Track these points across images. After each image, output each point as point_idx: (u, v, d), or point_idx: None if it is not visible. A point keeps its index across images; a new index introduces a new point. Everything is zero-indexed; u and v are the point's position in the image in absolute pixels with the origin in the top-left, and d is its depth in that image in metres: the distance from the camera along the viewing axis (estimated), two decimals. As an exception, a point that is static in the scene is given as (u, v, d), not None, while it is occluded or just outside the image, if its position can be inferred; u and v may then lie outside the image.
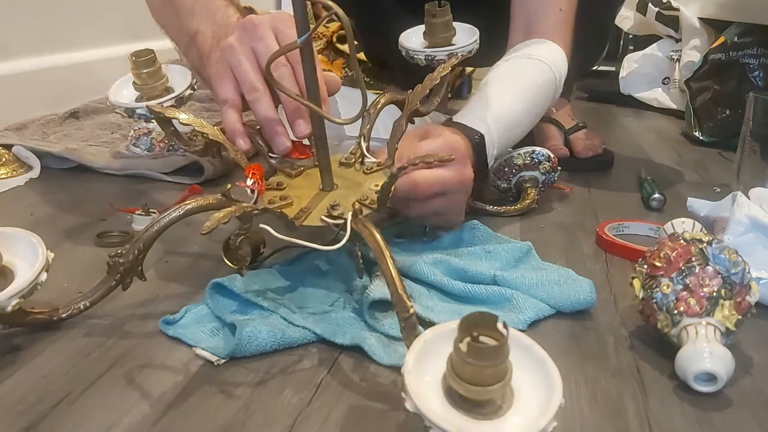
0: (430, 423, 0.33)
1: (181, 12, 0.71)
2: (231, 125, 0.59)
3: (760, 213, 0.61)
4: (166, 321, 0.51)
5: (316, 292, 0.57)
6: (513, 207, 0.81)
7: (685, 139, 1.35)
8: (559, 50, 0.83)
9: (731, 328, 0.48)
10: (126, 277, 0.52)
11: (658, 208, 0.86)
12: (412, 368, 0.35)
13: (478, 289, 0.56)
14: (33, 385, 0.45)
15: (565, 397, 0.45)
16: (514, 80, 0.80)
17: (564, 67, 0.83)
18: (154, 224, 0.52)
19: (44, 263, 0.47)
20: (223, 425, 0.41)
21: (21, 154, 0.94)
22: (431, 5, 0.72)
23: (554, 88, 0.82)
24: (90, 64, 1.33)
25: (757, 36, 1.29)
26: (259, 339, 0.48)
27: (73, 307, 0.52)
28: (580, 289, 0.57)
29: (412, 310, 0.44)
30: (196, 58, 0.69)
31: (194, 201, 0.53)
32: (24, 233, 0.50)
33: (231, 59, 0.60)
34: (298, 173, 0.61)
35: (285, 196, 0.57)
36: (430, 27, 0.73)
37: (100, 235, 0.69)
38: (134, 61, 0.67)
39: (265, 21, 0.61)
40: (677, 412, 0.44)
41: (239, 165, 0.58)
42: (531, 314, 0.55)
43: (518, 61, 0.82)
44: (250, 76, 0.59)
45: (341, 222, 0.52)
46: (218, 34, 0.66)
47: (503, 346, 0.33)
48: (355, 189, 0.58)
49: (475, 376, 0.33)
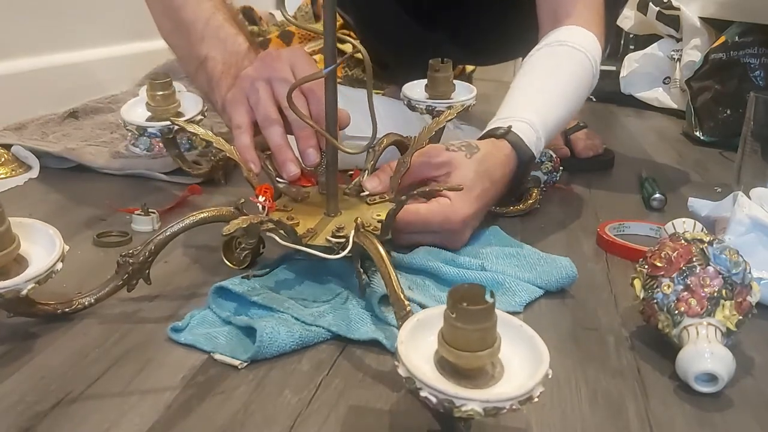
0: (421, 383, 0.34)
1: (191, 37, 0.74)
2: (243, 148, 0.64)
3: (761, 213, 0.61)
4: (174, 329, 0.51)
5: (318, 289, 0.57)
6: (515, 207, 0.80)
7: (686, 138, 1.34)
8: (591, 36, 0.81)
9: (732, 328, 0.48)
10: (133, 278, 0.53)
11: (658, 208, 0.86)
12: (405, 340, 0.37)
13: (472, 275, 0.59)
14: (32, 385, 0.44)
15: (566, 398, 0.45)
16: (555, 75, 0.78)
17: (598, 52, 0.81)
18: (168, 229, 0.54)
19: (61, 253, 0.48)
20: (222, 426, 0.41)
21: (20, 154, 0.94)
22: (435, 61, 0.77)
23: (591, 76, 0.80)
24: (89, 63, 1.33)
25: (757, 35, 1.29)
26: (279, 340, 0.48)
27: (78, 302, 0.52)
28: (561, 266, 0.60)
29: (408, 308, 0.46)
30: (204, 82, 0.73)
31: (208, 211, 0.56)
32: (41, 225, 0.51)
33: (248, 87, 0.65)
34: (303, 198, 0.64)
35: (291, 217, 0.60)
36: (432, 80, 0.78)
37: (99, 235, 0.69)
38: (150, 84, 0.69)
39: (283, 55, 0.67)
40: (678, 413, 0.44)
41: (251, 185, 0.62)
42: (525, 296, 0.58)
43: (553, 51, 0.80)
44: (265, 104, 0.64)
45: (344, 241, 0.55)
46: (228, 61, 0.70)
47: (490, 309, 0.34)
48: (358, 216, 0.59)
49: (465, 341, 0.35)
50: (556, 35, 0.81)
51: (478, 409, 0.33)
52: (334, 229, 0.57)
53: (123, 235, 0.69)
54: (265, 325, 0.49)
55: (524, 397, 0.34)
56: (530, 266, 0.62)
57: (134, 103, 0.73)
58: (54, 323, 0.52)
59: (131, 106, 0.73)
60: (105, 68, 1.36)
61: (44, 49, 1.23)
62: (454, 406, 0.34)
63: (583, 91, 0.81)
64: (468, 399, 0.33)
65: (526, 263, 0.62)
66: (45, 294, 0.52)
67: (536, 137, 0.71)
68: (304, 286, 0.58)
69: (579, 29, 0.81)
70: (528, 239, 0.71)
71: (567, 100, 0.78)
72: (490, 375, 0.36)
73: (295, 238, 0.56)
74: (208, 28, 0.73)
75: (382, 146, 0.68)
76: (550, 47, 0.80)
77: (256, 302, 0.53)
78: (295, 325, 0.51)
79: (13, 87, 1.14)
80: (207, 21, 0.74)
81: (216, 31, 0.73)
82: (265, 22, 1.80)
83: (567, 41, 0.80)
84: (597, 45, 0.81)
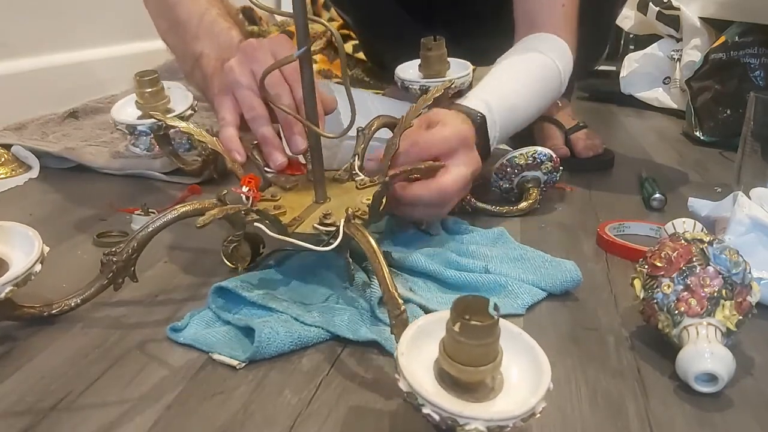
0: (423, 400, 0.34)
1: (185, 35, 0.74)
2: (226, 138, 0.63)
3: (761, 213, 0.61)
4: (173, 328, 0.51)
5: (317, 289, 0.57)
6: (515, 207, 0.81)
7: (686, 138, 1.34)
8: (562, 45, 0.83)
9: (732, 328, 0.48)
10: (118, 277, 0.52)
11: (658, 208, 0.86)
12: (406, 350, 0.36)
13: (474, 277, 0.58)
14: (32, 385, 0.44)
15: (566, 398, 0.45)
16: (516, 69, 0.81)
17: (567, 61, 0.83)
18: (149, 225, 0.52)
19: (39, 255, 0.48)
20: (222, 426, 0.41)
21: (20, 154, 0.94)
22: (427, 39, 0.75)
23: (557, 80, 0.82)
24: (89, 63, 1.33)
25: (758, 35, 1.29)
26: (277, 340, 0.48)
27: (64, 303, 0.52)
28: (565, 270, 0.60)
29: (403, 307, 0.45)
30: (200, 79, 0.73)
31: (190, 204, 0.54)
32: (21, 227, 0.50)
33: (231, 81, 0.64)
34: (291, 187, 0.63)
35: (279, 206, 0.59)
36: (426, 60, 0.76)
37: (99, 235, 0.69)
38: (138, 81, 0.69)
39: (264, 44, 0.66)
40: (678, 413, 0.44)
41: (236, 176, 0.61)
42: (527, 299, 0.57)
43: (520, 54, 0.83)
44: (248, 96, 0.63)
45: (333, 230, 0.53)
46: (222, 57, 0.69)
47: (494, 326, 0.34)
48: (348, 202, 0.59)
49: (468, 356, 0.34)
50: (525, 42, 0.84)
51: (482, 428, 0.33)
52: (320, 216, 0.55)
53: (123, 235, 0.69)
54: (264, 325, 0.49)
55: (527, 415, 0.34)
56: (534, 269, 0.61)
57: (124, 102, 0.73)
58: (54, 323, 0.52)
59: (121, 106, 0.72)
60: (105, 68, 1.36)
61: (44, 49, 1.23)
62: (458, 424, 0.33)
63: (545, 101, 0.83)
64: (472, 418, 0.33)
65: (531, 266, 0.62)
66: (44, 293, 0.52)
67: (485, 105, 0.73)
68: (303, 286, 0.58)
69: (549, 36, 0.83)
70: (528, 239, 0.71)
71: (522, 87, 0.79)
72: (490, 387, 0.36)
73: (279, 228, 0.55)
74: (202, 25, 0.73)
75: (372, 129, 0.67)
76: (516, 53, 0.83)
77: (256, 302, 0.53)
78: (294, 325, 0.51)
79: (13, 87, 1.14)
80: (201, 18, 0.73)
81: (210, 27, 0.73)
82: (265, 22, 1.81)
83: (536, 47, 0.82)
84: (566, 52, 0.84)
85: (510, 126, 0.79)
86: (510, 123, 0.78)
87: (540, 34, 0.84)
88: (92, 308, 0.54)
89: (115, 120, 0.70)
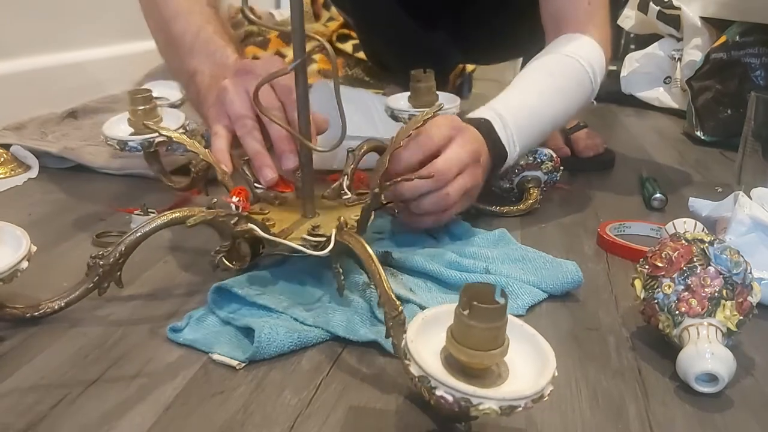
0: (437, 382, 0.34)
1: (181, 51, 0.75)
2: (216, 150, 0.64)
3: (762, 213, 0.61)
4: (173, 329, 0.50)
5: (317, 289, 0.57)
6: (516, 207, 0.80)
7: (687, 138, 1.34)
8: (587, 41, 0.82)
9: (733, 328, 0.48)
10: (104, 281, 0.51)
11: (659, 208, 0.86)
12: (414, 338, 0.37)
13: (475, 278, 0.59)
14: (32, 385, 0.44)
15: (566, 398, 0.45)
16: (539, 74, 0.80)
17: (598, 60, 0.82)
18: (138, 230, 0.52)
19: (27, 252, 0.48)
20: (221, 426, 0.41)
21: (19, 154, 0.94)
22: (417, 72, 0.77)
23: (587, 81, 0.81)
24: (88, 63, 1.33)
25: (758, 35, 1.29)
26: (277, 340, 0.48)
27: (47, 306, 0.51)
28: (566, 271, 0.60)
29: (400, 308, 0.45)
30: (194, 95, 0.74)
31: (180, 211, 0.54)
32: (9, 226, 0.50)
33: (225, 99, 0.65)
34: (281, 203, 0.64)
35: (267, 219, 0.59)
36: (415, 91, 0.78)
37: (98, 236, 0.69)
38: (131, 98, 0.69)
39: (258, 66, 0.67)
40: (678, 413, 0.44)
41: (225, 187, 0.61)
42: (528, 299, 0.57)
43: (547, 58, 0.82)
44: (241, 113, 0.65)
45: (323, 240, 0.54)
46: (216, 74, 0.70)
47: (503, 309, 0.35)
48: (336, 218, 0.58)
49: (477, 340, 0.35)
50: (555, 45, 0.82)
51: (495, 407, 0.34)
52: (309, 228, 0.56)
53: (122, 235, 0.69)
54: (264, 325, 0.48)
55: (537, 396, 0.35)
56: (535, 270, 0.61)
57: (117, 120, 0.73)
58: (54, 324, 0.52)
59: (113, 123, 0.72)
60: (104, 68, 1.36)
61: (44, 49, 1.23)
62: (471, 404, 0.34)
63: (572, 98, 0.81)
64: (485, 398, 0.34)
65: (532, 267, 0.62)
66: (43, 293, 0.52)
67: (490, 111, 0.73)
68: (303, 286, 0.57)
69: (580, 37, 0.82)
70: (528, 239, 0.71)
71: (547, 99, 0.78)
72: (497, 374, 0.37)
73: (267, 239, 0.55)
74: (198, 41, 0.73)
75: (362, 152, 0.67)
76: (545, 56, 0.82)
77: (256, 303, 0.53)
78: (295, 325, 0.51)
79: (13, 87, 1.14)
80: (197, 34, 0.74)
81: (205, 44, 0.73)
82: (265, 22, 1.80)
83: (557, 50, 0.81)
84: (598, 53, 0.82)
85: (533, 132, 0.77)
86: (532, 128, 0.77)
87: (566, 35, 0.82)
88: (92, 308, 0.54)
89: (106, 136, 0.71)
